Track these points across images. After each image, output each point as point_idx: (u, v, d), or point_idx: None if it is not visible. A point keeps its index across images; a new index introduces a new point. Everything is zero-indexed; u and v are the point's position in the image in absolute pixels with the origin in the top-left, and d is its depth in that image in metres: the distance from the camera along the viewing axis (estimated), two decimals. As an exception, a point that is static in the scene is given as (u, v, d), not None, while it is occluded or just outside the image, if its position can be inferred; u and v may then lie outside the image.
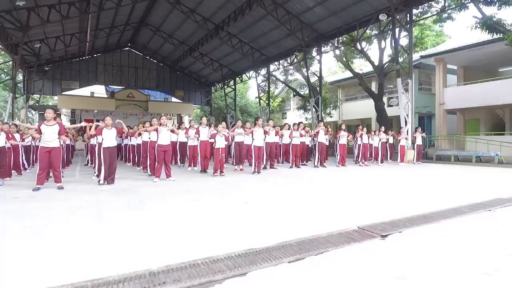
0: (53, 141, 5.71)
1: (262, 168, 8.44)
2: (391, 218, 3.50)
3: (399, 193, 5.61)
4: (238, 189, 5.77)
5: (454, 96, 19.29)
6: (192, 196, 5.07)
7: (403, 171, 9.62)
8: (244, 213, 3.89)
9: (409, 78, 13.19)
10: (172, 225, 3.36)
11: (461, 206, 4.19)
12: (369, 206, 4.34)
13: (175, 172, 8.39)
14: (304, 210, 4.02)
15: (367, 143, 10.93)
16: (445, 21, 19.37)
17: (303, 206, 4.27)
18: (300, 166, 9.70)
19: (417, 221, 3.43)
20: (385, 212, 3.91)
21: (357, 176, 8.18)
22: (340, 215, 3.79)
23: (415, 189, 6.04)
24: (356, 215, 3.78)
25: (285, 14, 16.73)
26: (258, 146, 7.89)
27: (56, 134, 5.72)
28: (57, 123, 5.78)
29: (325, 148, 10.02)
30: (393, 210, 4.01)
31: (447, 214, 3.75)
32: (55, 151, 5.70)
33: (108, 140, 6.12)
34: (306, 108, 24.21)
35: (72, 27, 20.24)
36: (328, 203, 4.53)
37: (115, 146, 6.26)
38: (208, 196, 5.12)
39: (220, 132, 7.42)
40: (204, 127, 8.23)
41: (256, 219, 3.57)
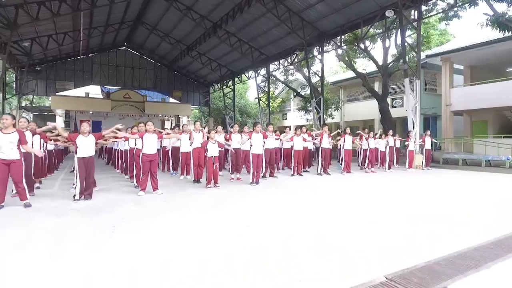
0: (12, 152, 4.90)
1: (261, 177, 7.70)
2: (425, 260, 2.75)
3: (419, 213, 4.88)
4: (233, 208, 5.00)
5: (461, 97, 18.55)
6: (176, 218, 4.33)
7: (414, 180, 8.88)
8: (237, 248, 3.15)
9: (417, 78, 12.45)
10: (140, 269, 2.62)
11: (505, 236, 3.44)
12: (389, 234, 3.61)
13: (165, 182, 7.67)
14: (310, 247, 3.25)
15: (373, 148, 10.18)
16: (451, 19, 18.66)
17: (308, 239, 3.51)
18: (302, 174, 8.94)
19: (459, 265, 2.66)
20: (411, 244, 3.17)
21: (365, 187, 7.45)
22: (357, 253, 3.03)
23: (437, 207, 5.30)
24: (377, 251, 3.04)
25: (286, 12, 15.99)
26: (256, 154, 7.14)
27: (15, 143, 4.88)
28: (16, 131, 4.93)
29: (329, 153, 9.28)
30: (420, 242, 3.28)
31: (493, 251, 2.99)
32: (14, 164, 4.90)
33: (83, 149, 5.37)
34: (307, 109, 23.48)
35: (65, 25, 19.51)
36: (339, 233, 3.79)
37: (92, 156, 5.49)
38: (195, 218, 4.38)
39: (212, 139, 6.74)
40: (197, 133, 7.50)
41: (249, 261, 2.83)
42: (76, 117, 27.87)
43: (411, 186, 7.74)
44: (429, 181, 8.60)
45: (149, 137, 5.93)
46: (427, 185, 7.94)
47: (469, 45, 17.29)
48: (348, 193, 6.63)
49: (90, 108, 26.93)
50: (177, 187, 6.88)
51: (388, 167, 10.52)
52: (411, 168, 10.90)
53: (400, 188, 7.39)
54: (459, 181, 8.74)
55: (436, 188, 7.48)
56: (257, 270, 2.56)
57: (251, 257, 2.84)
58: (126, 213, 4.63)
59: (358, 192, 6.79)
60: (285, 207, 5.08)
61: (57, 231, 3.65)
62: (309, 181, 8.06)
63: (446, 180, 8.95)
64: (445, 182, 8.45)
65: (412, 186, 7.73)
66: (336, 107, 23.84)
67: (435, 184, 8.05)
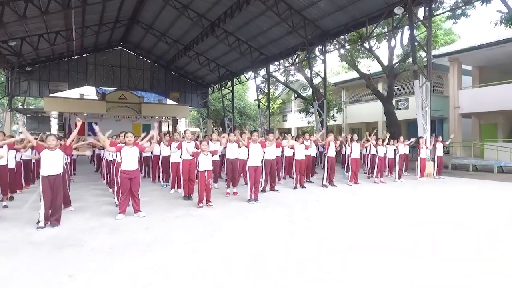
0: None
1: (261, 191, 6.89)
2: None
3: (442, 237, 4.07)
4: (225, 240, 4.15)
5: (470, 99, 17.75)
6: (154, 258, 3.51)
7: (429, 192, 8.08)
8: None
9: (427, 80, 11.63)
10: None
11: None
12: (412, 268, 2.80)
13: (152, 197, 6.86)
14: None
15: (383, 156, 9.36)
16: (459, 18, 17.86)
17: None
18: (306, 186, 8.11)
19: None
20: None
21: (376, 203, 6.66)
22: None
23: (461, 228, 4.50)
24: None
25: (287, 9, 15.17)
26: (254, 167, 6.24)
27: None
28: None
29: (335, 162, 8.47)
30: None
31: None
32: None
33: (49, 165, 4.54)
34: (309, 111, 22.69)
35: (56, 24, 18.71)
36: (352, 266, 2.97)
37: (59, 173, 4.65)
38: (178, 256, 3.56)
39: (204, 150, 5.90)
40: (188, 142, 6.70)
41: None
42: (71, 119, 27.13)
43: (427, 201, 6.95)
44: (446, 194, 7.80)
45: (128, 151, 5.04)
46: (445, 199, 7.15)
47: (479, 45, 16.50)
48: (357, 211, 5.83)
49: (85, 110, 26.12)
50: (164, 205, 6.02)
51: (398, 176, 9.70)
52: (422, 177, 10.08)
53: (416, 204, 6.60)
54: (477, 193, 7.94)
55: (454, 202, 6.69)
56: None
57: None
58: (94, 247, 3.81)
59: (369, 209, 5.99)
60: (288, 236, 4.26)
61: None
62: (313, 196, 7.25)
63: (463, 192, 8.15)
64: (463, 195, 7.65)
65: (428, 201, 6.94)
66: (338, 109, 23.00)
67: (452, 198, 7.25)
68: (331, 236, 4.25)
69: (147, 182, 9.14)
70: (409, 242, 4.04)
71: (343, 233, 4.40)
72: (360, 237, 4.22)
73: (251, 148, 6.16)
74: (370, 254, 3.56)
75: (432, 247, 3.86)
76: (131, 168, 4.96)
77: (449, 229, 4.65)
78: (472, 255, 3.57)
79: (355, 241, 4.06)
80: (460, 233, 4.46)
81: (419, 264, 3.26)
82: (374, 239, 4.14)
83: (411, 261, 3.36)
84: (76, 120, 5.91)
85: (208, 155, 5.69)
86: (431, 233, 4.43)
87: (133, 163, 5.00)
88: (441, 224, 4.89)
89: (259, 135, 6.48)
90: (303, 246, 3.83)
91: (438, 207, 6.25)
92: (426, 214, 5.62)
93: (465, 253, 3.62)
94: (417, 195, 7.62)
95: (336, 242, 3.98)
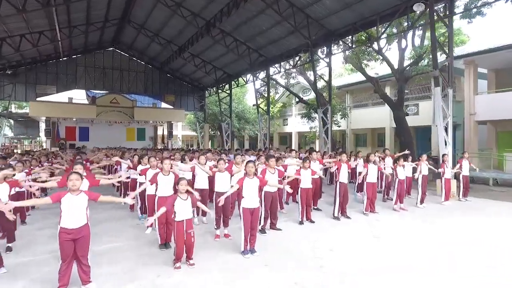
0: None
1: (259, 231, 5.46)
2: None
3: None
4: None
5: (487, 105, 16.32)
6: None
7: (464, 224, 6.70)
8: None
9: (449, 87, 10.21)
10: None
11: None
12: None
13: (122, 241, 5.44)
14: None
15: (403, 179, 7.92)
16: (474, 17, 16.44)
17: None
18: (314, 219, 6.65)
19: None
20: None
21: (403, 245, 5.29)
22: None
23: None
24: None
25: (288, 7, 13.76)
26: (250, 209, 4.68)
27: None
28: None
29: (347, 189, 7.03)
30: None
31: None
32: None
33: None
34: (311, 116, 21.25)
35: (38, 24, 17.29)
36: None
37: None
38: None
39: (182, 192, 4.18)
40: (166, 175, 5.21)
41: None
42: (59, 124, 25.70)
43: (467, 237, 5.59)
44: (484, 229, 6.41)
45: (71, 199, 3.47)
46: (487, 233, 5.76)
47: (498, 46, 15.09)
48: (379, 261, 4.46)
49: (73, 115, 24.75)
50: (131, 260, 4.50)
51: (420, 201, 8.28)
52: (447, 200, 8.67)
53: (454, 241, 5.25)
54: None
55: (501, 243, 5.29)
56: None
57: None
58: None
59: (394, 257, 4.62)
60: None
61: None
62: (325, 234, 5.83)
63: (503, 224, 6.75)
64: (504, 229, 6.26)
65: (469, 237, 5.58)
66: (342, 114, 21.55)
67: (494, 236, 5.85)
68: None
69: (124, 212, 7.71)
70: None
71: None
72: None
73: (245, 186, 4.73)
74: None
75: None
76: (75, 224, 3.49)
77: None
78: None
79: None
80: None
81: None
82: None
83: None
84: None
85: (188, 200, 4.22)
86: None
87: (79, 216, 3.53)
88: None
89: (256, 165, 5.01)
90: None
91: (482, 242, 4.88)
92: (473, 268, 4.23)
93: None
94: (450, 226, 6.23)
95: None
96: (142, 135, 29.74)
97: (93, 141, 26.18)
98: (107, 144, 23.64)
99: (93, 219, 6.88)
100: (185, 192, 4.23)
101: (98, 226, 6.38)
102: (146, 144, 28.36)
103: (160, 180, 5.03)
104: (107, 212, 7.60)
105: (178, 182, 4.21)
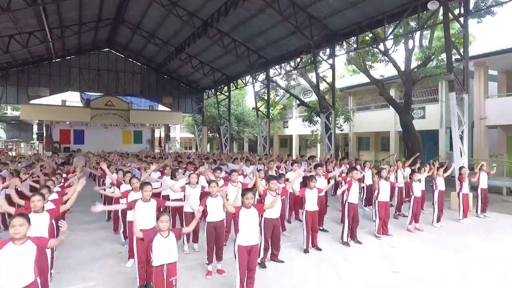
0: None
1: (259, 265, 4.64)
2: None
3: None
4: None
5: (497, 109, 15.51)
6: None
7: (495, 247, 5.93)
8: None
9: (464, 92, 9.42)
10: None
11: None
12: None
13: (98, 277, 4.64)
14: None
15: (419, 196, 7.11)
16: (484, 17, 15.66)
17: None
18: (320, 248, 5.83)
19: None
20: None
21: (431, 278, 4.51)
22: None
23: None
24: None
25: (289, 6, 12.98)
26: (247, 247, 3.84)
27: None
28: None
29: (358, 210, 6.22)
30: None
31: None
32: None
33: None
34: (312, 119, 20.45)
35: (27, 24, 16.54)
36: None
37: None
38: None
39: (163, 230, 3.37)
40: (146, 201, 4.33)
41: None
42: (52, 128, 24.89)
43: (498, 266, 4.81)
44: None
45: (12, 249, 2.66)
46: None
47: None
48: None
49: (66, 118, 23.96)
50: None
51: (437, 219, 7.47)
52: (466, 218, 7.87)
53: (484, 272, 4.47)
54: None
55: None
56: None
57: None
58: None
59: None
60: None
61: None
62: (334, 268, 5.03)
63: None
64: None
65: (501, 267, 4.80)
66: (345, 117, 20.74)
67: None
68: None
69: (107, 233, 6.91)
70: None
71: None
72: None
73: (241, 218, 3.92)
74: None
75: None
76: (16, 285, 2.64)
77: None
78: None
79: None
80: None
81: None
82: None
83: None
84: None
85: (170, 237, 3.41)
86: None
87: (21, 274, 2.68)
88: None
89: (254, 195, 4.16)
90: None
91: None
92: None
93: None
94: (477, 261, 5.43)
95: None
96: (139, 138, 28.93)
97: (89, 144, 25.42)
98: (102, 147, 22.88)
99: (70, 243, 6.15)
100: (167, 229, 3.42)
101: (73, 254, 5.60)
102: (143, 147, 27.59)
103: (139, 208, 4.21)
104: (88, 234, 6.80)
105: (158, 217, 3.40)
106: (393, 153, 12.46)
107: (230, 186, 5.90)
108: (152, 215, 4.13)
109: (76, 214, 8.42)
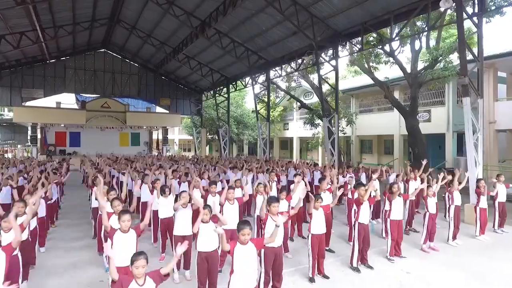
0: None
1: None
2: None
3: None
4: None
5: (507, 113, 14.89)
6: None
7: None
8: None
9: (479, 97, 8.80)
10: None
11: None
12: None
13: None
14: None
15: (434, 213, 6.48)
16: (493, 16, 15.05)
17: None
18: (328, 275, 5.19)
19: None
20: None
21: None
22: None
23: None
24: None
25: (291, 5, 12.35)
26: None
27: None
28: None
29: (368, 232, 5.60)
30: None
31: None
32: None
33: None
34: (314, 122, 19.83)
35: (18, 23, 15.90)
36: None
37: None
38: None
39: (138, 275, 2.74)
40: (124, 232, 3.78)
41: None
42: (46, 130, 24.25)
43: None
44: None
45: None
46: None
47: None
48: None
49: (61, 121, 23.33)
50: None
51: (453, 236, 6.85)
52: (483, 234, 7.25)
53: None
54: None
55: None
56: None
57: None
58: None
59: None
60: None
61: None
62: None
63: None
64: None
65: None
66: (348, 120, 20.12)
67: None
68: None
69: (91, 253, 6.28)
70: None
71: None
72: None
73: (236, 255, 3.26)
74: None
75: None
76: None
77: None
78: None
79: None
80: None
81: None
82: None
83: None
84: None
85: (146, 283, 2.76)
86: None
87: None
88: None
89: (251, 231, 3.51)
90: None
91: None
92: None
93: None
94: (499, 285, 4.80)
95: None
96: (136, 140, 28.30)
97: (85, 146, 24.87)
98: (99, 149, 22.29)
99: (50, 267, 5.55)
100: (142, 276, 2.78)
101: (51, 282, 4.97)
102: (141, 150, 26.98)
103: (117, 241, 3.58)
104: (70, 255, 6.18)
105: (133, 262, 2.76)
106: (406, 161, 11.85)
107: (226, 204, 5.29)
108: (131, 249, 3.49)
109: (62, 229, 7.80)
